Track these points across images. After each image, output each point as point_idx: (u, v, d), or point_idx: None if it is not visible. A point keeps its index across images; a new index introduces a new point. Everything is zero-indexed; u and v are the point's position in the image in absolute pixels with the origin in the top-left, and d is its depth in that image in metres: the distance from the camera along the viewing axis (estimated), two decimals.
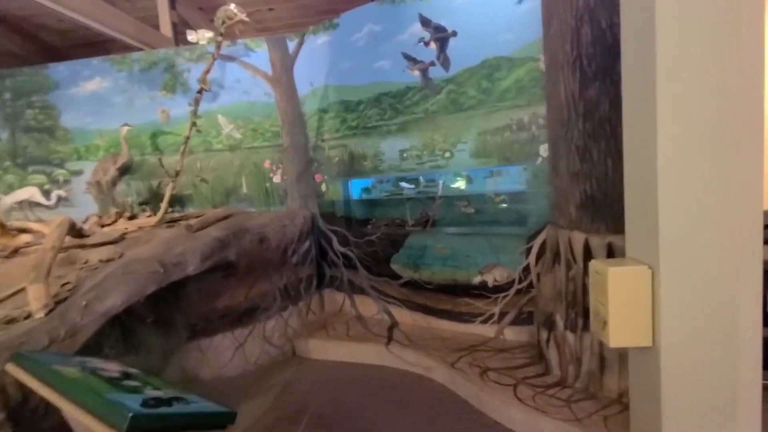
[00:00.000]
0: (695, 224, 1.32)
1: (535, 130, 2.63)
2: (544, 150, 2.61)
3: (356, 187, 3.82)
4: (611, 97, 2.00)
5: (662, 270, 1.34)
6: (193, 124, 3.11)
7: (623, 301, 1.41)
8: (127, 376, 1.30)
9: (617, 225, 2.06)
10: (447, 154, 3.03)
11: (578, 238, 2.20)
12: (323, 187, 3.71)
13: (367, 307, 3.58)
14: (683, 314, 1.34)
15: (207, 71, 3.08)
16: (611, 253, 2.06)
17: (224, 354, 3.03)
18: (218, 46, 3.12)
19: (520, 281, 2.81)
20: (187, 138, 3.14)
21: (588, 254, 2.15)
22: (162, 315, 3.10)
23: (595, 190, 2.12)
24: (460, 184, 3.40)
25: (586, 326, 2.17)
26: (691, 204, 1.32)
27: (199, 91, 3.08)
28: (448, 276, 3.13)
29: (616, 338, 1.43)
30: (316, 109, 3.64)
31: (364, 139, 3.41)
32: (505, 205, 3.09)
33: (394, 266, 3.39)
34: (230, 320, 3.07)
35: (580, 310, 2.20)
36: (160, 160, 3.33)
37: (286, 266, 3.46)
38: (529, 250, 2.75)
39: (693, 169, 1.31)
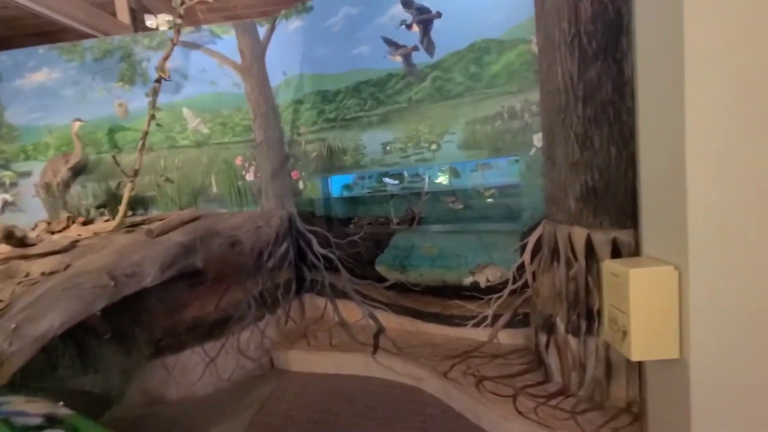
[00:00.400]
0: (730, 218, 1.13)
1: (528, 118, 2.45)
2: (538, 139, 2.43)
3: (336, 184, 3.57)
4: (614, 77, 1.82)
5: (692, 270, 1.16)
6: (152, 117, 2.79)
7: (647, 308, 1.22)
8: (51, 422, 1.03)
9: (622, 218, 1.89)
10: (433, 146, 2.81)
11: (579, 234, 2.01)
12: (300, 185, 3.45)
13: (351, 312, 3.34)
14: (716, 321, 1.16)
15: (166, 58, 2.77)
16: (616, 249, 1.88)
17: (193, 371, 2.74)
18: (177, 30, 2.81)
19: (515, 281, 2.63)
20: (146, 133, 2.82)
21: (590, 251, 1.97)
22: (120, 330, 2.78)
23: (597, 180, 1.94)
24: (448, 178, 3.19)
25: (590, 329, 2.00)
26: (726, 196, 1.13)
27: (158, 80, 2.77)
28: (436, 277, 2.92)
29: (639, 350, 1.24)
30: (291, 100, 3.36)
31: (344, 132, 3.16)
32: (496, 199, 2.90)
33: (379, 268, 3.16)
34: (199, 333, 2.78)
35: (582, 311, 2.02)
36: (114, 157, 2.99)
37: (262, 271, 3.18)
38: (523, 248, 2.56)
39: (727, 157, 1.12)
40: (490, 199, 2.94)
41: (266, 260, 3.23)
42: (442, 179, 3.21)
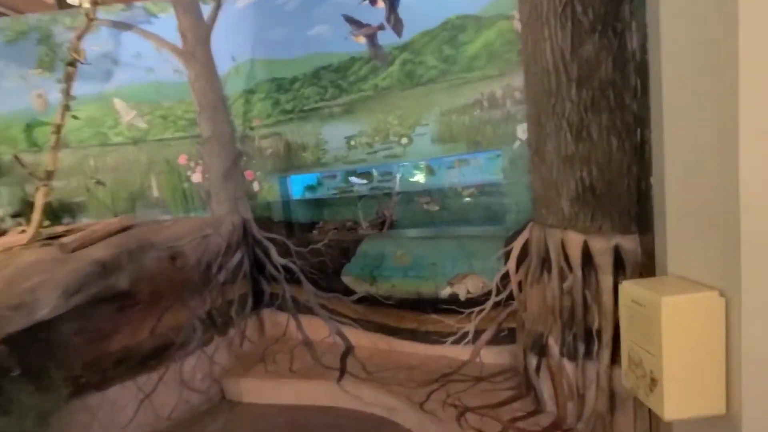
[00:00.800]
0: None
1: (511, 106, 2.13)
2: (522, 131, 2.11)
3: (297, 185, 3.17)
4: (615, 53, 1.52)
5: (745, 298, 0.86)
6: (66, 107, 2.31)
7: (684, 348, 0.90)
8: None
9: (625, 222, 1.59)
10: (404, 140, 2.46)
11: (574, 240, 1.71)
12: (256, 186, 3.03)
13: (317, 329, 2.96)
14: None
15: (80, 36, 2.31)
16: (619, 258, 1.59)
17: (124, 411, 2.29)
18: (94, 2, 2.34)
19: (498, 292, 2.32)
20: (59, 127, 2.34)
21: (588, 260, 1.67)
22: (31, 366, 2.30)
23: (596, 177, 1.64)
24: (421, 176, 2.85)
25: (588, 353, 1.70)
26: None
27: (71, 63, 2.30)
28: (410, 289, 2.57)
29: (675, 406, 0.93)
30: (242, 89, 2.94)
31: (302, 125, 2.77)
32: (476, 200, 2.59)
33: (346, 279, 2.79)
34: (131, 365, 2.33)
35: (580, 331, 1.72)
36: (16, 157, 2.50)
37: (211, 287, 2.76)
38: (507, 255, 2.25)
39: None
40: (469, 200, 2.62)
41: (216, 273, 2.81)
42: (415, 178, 2.87)
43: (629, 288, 1.02)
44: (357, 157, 2.62)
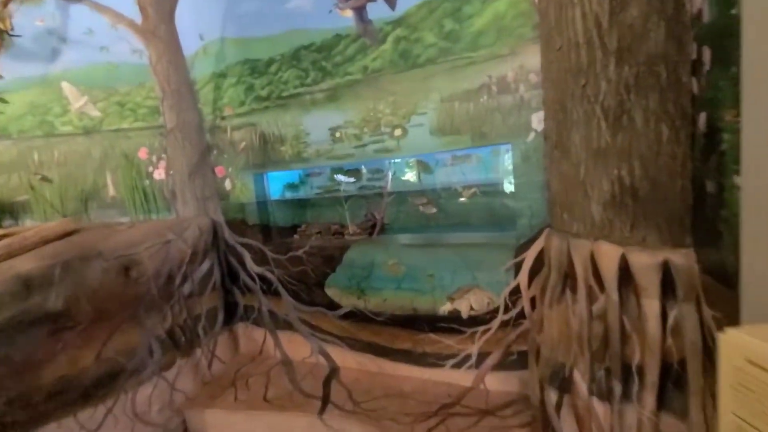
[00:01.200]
0: None
1: (525, 90, 1.80)
2: (538, 120, 1.79)
3: (276, 183, 2.81)
4: (669, 17, 1.19)
5: None
6: None
7: None
8: None
9: (677, 233, 1.27)
10: (397, 132, 2.11)
11: (609, 254, 1.38)
12: (228, 185, 2.66)
13: (297, 346, 2.60)
14: None
15: (5, 2, 1.90)
16: (668, 278, 1.26)
17: None
18: None
19: (507, 309, 1.99)
20: None
21: (627, 279, 1.35)
22: None
23: (638, 176, 1.31)
24: (417, 174, 2.51)
25: (627, 394, 1.37)
26: None
27: None
28: (404, 304, 2.23)
29: None
30: (211, 73, 2.56)
31: (280, 114, 2.40)
32: (480, 201, 2.25)
33: (330, 291, 2.44)
34: (70, 398, 1.94)
35: (615, 367, 1.39)
36: None
37: (173, 301, 2.38)
38: (518, 266, 1.92)
39: None
40: (472, 201, 2.29)
41: (179, 285, 2.43)
42: (410, 175, 2.53)
43: (742, 340, 0.69)
44: (343, 152, 2.27)
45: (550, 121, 1.62)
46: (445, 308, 2.14)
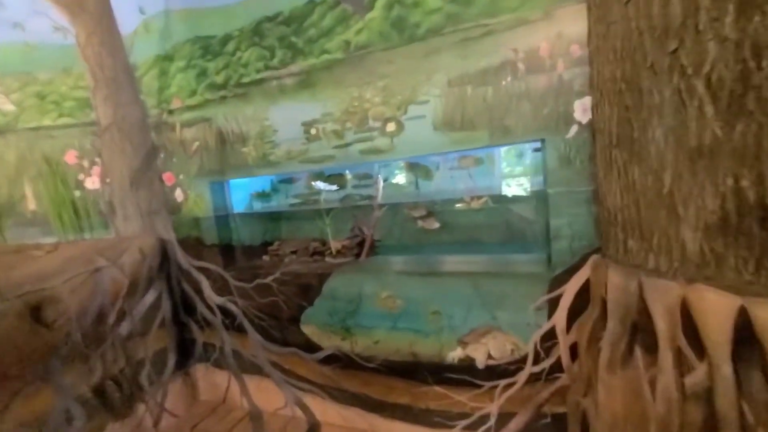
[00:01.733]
0: None
1: (564, 68, 1.32)
2: (582, 110, 1.31)
3: (240, 193, 2.30)
4: None
5: None
6: None
7: None
8: None
9: None
10: (390, 127, 1.62)
11: (717, 305, 0.91)
12: (179, 195, 2.14)
13: (269, 395, 2.09)
14: None
15: None
16: None
17: None
18: None
19: (537, 359, 1.51)
20: None
21: (749, 341, 0.88)
22: None
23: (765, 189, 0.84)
24: (414, 179, 2.03)
25: None
26: None
27: None
28: (402, 347, 1.74)
29: None
30: (155, 55, 2.04)
31: (241, 106, 1.90)
32: (497, 216, 1.77)
33: (307, 329, 1.93)
34: None
35: None
36: None
37: (104, 347, 1.85)
38: (553, 303, 1.45)
39: None
40: (485, 215, 1.81)
41: (114, 325, 1.90)
42: (406, 182, 2.05)
43: None
44: (320, 153, 1.77)
45: (606, 108, 1.15)
46: (455, 355, 1.65)
